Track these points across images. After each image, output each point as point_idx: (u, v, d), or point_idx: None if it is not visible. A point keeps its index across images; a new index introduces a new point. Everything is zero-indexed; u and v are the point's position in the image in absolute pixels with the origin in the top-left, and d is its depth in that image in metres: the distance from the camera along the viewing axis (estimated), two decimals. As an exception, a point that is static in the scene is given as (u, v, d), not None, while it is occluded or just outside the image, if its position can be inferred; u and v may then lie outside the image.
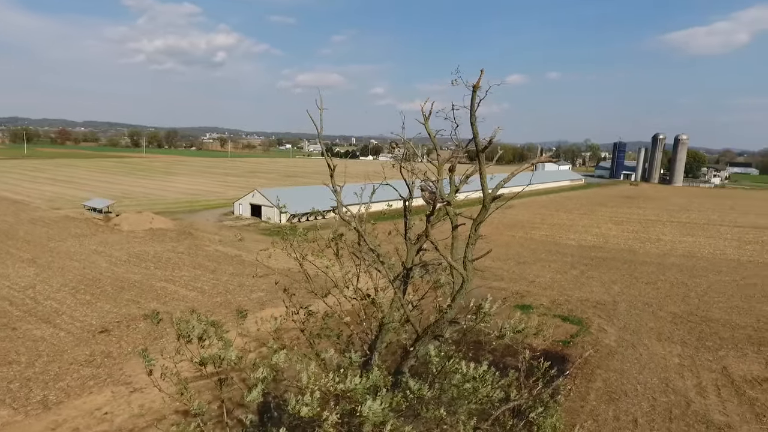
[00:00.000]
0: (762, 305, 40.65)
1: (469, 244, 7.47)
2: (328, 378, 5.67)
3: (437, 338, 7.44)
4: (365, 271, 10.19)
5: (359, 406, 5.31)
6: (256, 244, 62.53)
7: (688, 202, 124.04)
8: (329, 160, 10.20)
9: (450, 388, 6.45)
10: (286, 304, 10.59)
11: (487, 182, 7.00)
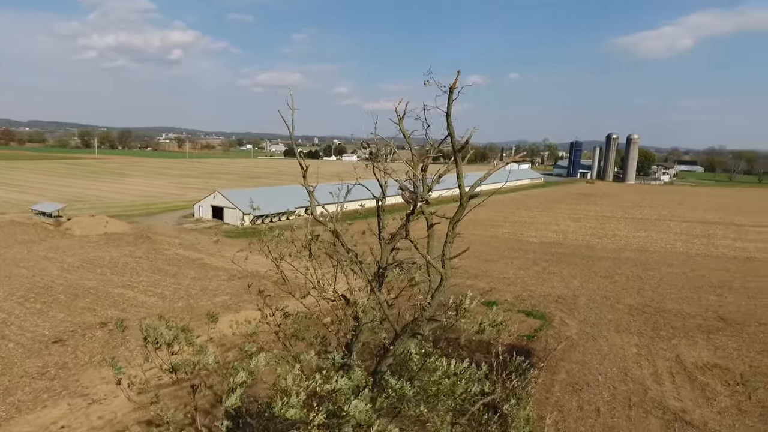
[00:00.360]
0: (709, 295, 42.99)
1: (447, 242, 7.53)
2: (312, 379, 5.57)
3: (415, 336, 7.46)
4: (341, 271, 10.08)
5: (345, 406, 5.25)
6: (218, 247, 61.03)
7: (641, 199, 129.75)
8: (302, 160, 10.02)
9: (431, 385, 6.47)
10: (260, 306, 10.33)
11: (463, 181, 7.09)
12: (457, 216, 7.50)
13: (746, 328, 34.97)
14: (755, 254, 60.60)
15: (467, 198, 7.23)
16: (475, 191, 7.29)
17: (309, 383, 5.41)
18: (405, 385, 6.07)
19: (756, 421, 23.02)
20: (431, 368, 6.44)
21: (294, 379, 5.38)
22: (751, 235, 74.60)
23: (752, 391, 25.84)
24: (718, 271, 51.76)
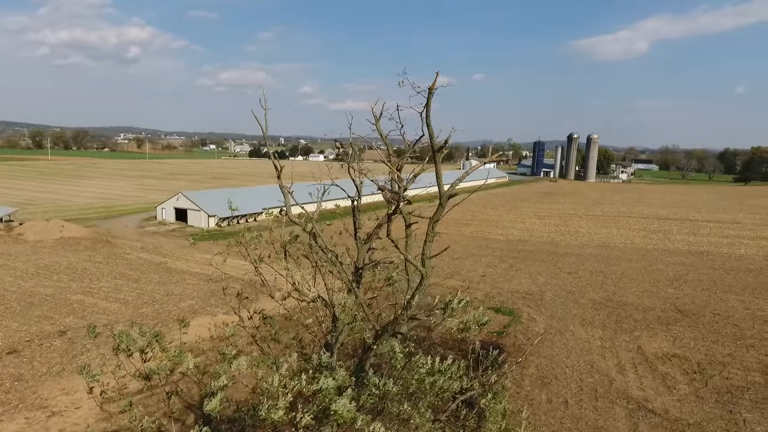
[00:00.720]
0: (667, 288, 44.89)
1: (427, 241, 7.56)
2: (298, 380, 5.48)
3: (395, 335, 7.46)
4: (320, 272, 9.97)
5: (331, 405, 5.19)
6: (183, 250, 59.41)
7: (601, 197, 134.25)
8: (276, 161, 9.84)
9: (413, 382, 6.49)
10: (236, 309, 10.09)
11: (443, 181, 7.13)
12: (436, 215, 7.55)
13: (701, 319, 36.70)
14: (708, 248, 63.68)
15: (446, 197, 7.29)
16: (454, 191, 7.34)
17: (294, 384, 5.32)
18: (388, 383, 6.07)
19: (712, 407, 24.18)
20: (415, 366, 6.46)
21: (280, 380, 5.27)
22: (704, 230, 78.35)
23: (708, 378, 27.13)
24: (675, 265, 54.12)
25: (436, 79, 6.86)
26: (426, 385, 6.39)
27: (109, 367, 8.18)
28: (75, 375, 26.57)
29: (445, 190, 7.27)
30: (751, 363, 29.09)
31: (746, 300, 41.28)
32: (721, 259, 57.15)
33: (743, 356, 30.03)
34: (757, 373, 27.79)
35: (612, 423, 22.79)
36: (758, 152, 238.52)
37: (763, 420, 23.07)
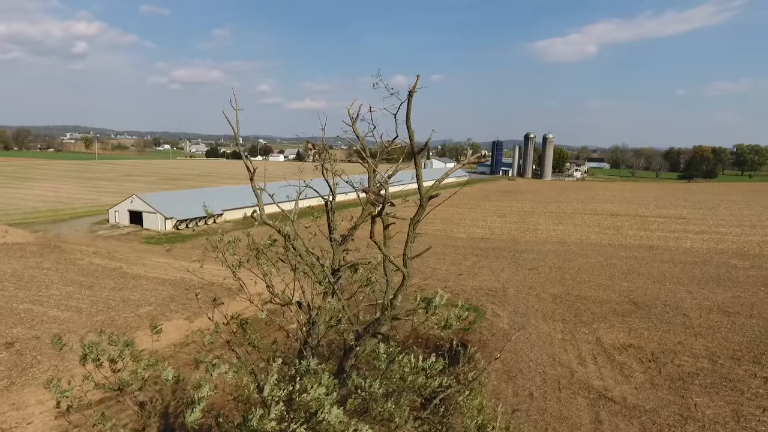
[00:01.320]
0: (621, 282, 46.92)
1: (408, 242, 7.59)
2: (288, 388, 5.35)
3: (375, 335, 7.44)
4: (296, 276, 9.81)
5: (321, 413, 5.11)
6: (138, 254, 57.21)
7: (557, 195, 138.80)
8: (248, 162, 9.60)
9: (397, 382, 6.50)
10: (209, 315, 9.80)
11: (423, 182, 7.17)
12: (417, 216, 7.59)
13: (653, 310, 38.56)
14: (657, 242, 66.99)
15: (427, 198, 7.34)
16: (435, 191, 7.40)
17: (284, 392, 5.19)
18: (374, 384, 6.05)
19: (666, 393, 25.46)
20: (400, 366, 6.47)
21: (272, 388, 5.13)
22: (653, 225, 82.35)
23: (662, 366, 28.55)
24: (627, 259, 56.64)
25: (416, 83, 6.91)
26: (409, 383, 6.41)
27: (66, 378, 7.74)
28: (25, 388, 25.11)
29: (425, 191, 7.31)
30: (699, 350, 30.81)
31: (693, 291, 43.70)
32: (669, 253, 60.25)
33: (692, 344, 31.77)
34: (705, 360, 29.46)
35: (575, 413, 23.61)
36: (699, 151, 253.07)
37: (711, 403, 24.49)
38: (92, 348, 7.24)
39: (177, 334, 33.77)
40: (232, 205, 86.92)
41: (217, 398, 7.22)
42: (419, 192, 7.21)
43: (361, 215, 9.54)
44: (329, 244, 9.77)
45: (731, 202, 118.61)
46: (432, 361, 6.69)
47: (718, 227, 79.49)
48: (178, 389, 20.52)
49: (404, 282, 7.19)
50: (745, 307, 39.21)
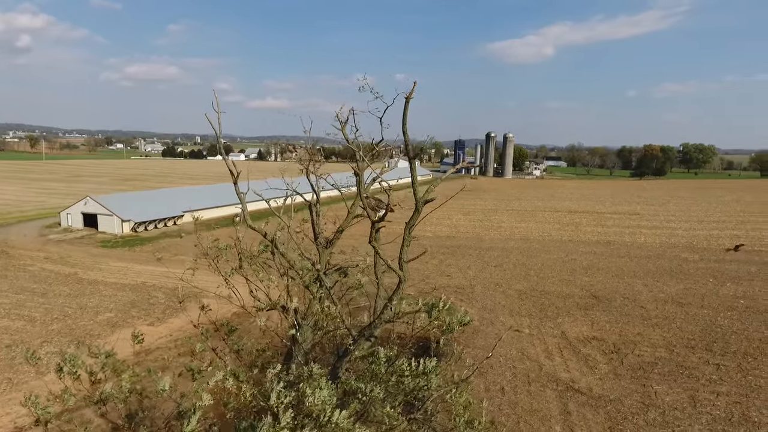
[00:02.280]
0: (582, 276, 48.62)
1: (404, 245, 7.61)
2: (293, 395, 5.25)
3: (369, 338, 7.41)
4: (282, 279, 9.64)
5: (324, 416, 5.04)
6: (95, 259, 54.77)
7: (519, 192, 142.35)
8: (232, 166, 9.32)
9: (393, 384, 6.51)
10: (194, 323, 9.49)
11: (418, 186, 7.20)
12: (412, 220, 7.63)
13: (613, 303, 40.17)
14: (614, 238, 69.77)
15: (422, 203, 7.38)
16: (430, 196, 7.46)
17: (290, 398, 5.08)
18: (375, 388, 6.03)
19: (629, 382, 26.59)
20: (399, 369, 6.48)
21: (278, 396, 5.01)
22: (609, 221, 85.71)
23: (623, 357, 29.78)
24: (587, 255, 58.73)
25: (413, 89, 6.95)
26: (406, 386, 6.43)
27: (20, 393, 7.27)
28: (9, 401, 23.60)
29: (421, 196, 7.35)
30: (657, 340, 32.33)
31: (649, 284, 45.80)
32: (625, 248, 62.89)
33: (650, 335, 33.31)
34: (662, 349, 30.94)
35: (545, 405, 24.31)
36: (649, 150, 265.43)
37: (670, 391, 25.75)
38: (71, 360, 6.86)
39: (140, 341, 32.51)
40: (193, 206, 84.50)
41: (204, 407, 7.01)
42: (414, 196, 7.23)
43: (347, 218, 9.48)
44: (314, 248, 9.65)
45: (680, 198, 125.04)
46: (432, 365, 6.74)
47: (668, 222, 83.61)
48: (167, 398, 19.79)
49: (400, 285, 7.20)
50: (696, 298, 41.42)
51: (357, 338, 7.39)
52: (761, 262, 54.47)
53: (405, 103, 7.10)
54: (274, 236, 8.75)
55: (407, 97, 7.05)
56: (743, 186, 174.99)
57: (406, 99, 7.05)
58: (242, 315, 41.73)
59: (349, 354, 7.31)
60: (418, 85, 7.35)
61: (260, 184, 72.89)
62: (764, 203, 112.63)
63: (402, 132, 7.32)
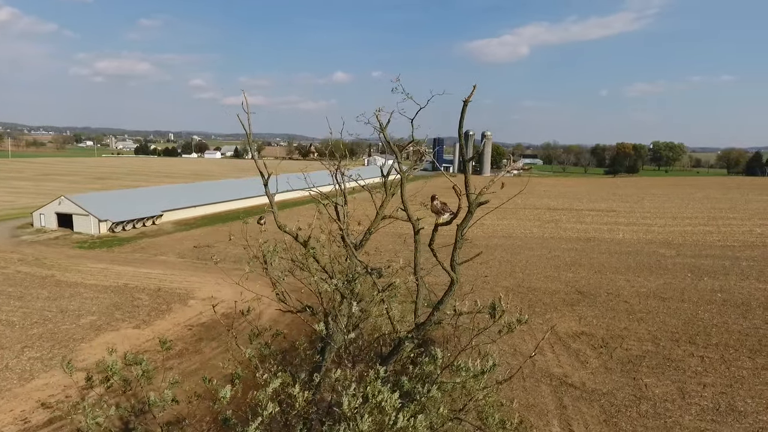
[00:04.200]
0: (567, 273, 49.55)
1: (456, 248, 7.62)
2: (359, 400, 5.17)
3: (413, 340, 7.39)
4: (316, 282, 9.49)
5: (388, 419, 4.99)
6: (72, 260, 53.14)
7: (498, 190, 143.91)
8: (263, 167, 9.11)
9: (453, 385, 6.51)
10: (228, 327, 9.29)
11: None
12: (464, 223, 7.67)
13: (598, 298, 41.08)
14: (593, 234, 71.32)
15: (476, 205, 7.41)
16: (482, 199, 7.48)
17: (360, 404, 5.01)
18: (432, 389, 6.01)
19: (619, 376, 27.25)
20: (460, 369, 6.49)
21: (349, 401, 4.92)
22: (588, 218, 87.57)
23: (612, 351, 30.50)
24: (569, 251, 59.87)
25: (472, 92, 6.94)
26: (466, 389, 6.45)
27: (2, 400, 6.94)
28: None
29: (474, 198, 7.37)
30: (643, 334, 33.20)
31: (631, 279, 47.00)
32: (605, 244, 64.36)
33: (636, 329, 34.19)
34: (649, 343, 31.80)
35: (540, 399, 24.71)
36: (622, 148, 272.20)
37: (659, 383, 26.49)
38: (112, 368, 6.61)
39: (127, 345, 31.77)
40: (172, 206, 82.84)
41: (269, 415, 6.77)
42: (467, 199, 7.25)
43: (375, 220, 9.42)
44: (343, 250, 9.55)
45: (653, 195, 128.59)
46: (491, 364, 6.77)
47: (644, 219, 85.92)
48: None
49: (452, 286, 7.22)
50: (676, 292, 42.70)
51: (402, 339, 7.37)
52: (734, 257, 56.49)
53: (463, 107, 7.10)
54: (308, 239, 8.59)
55: (465, 101, 7.05)
56: (711, 183, 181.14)
57: (464, 102, 7.05)
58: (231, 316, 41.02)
59: (396, 355, 7.28)
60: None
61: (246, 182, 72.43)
62: (732, 199, 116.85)
63: (458, 135, 7.32)
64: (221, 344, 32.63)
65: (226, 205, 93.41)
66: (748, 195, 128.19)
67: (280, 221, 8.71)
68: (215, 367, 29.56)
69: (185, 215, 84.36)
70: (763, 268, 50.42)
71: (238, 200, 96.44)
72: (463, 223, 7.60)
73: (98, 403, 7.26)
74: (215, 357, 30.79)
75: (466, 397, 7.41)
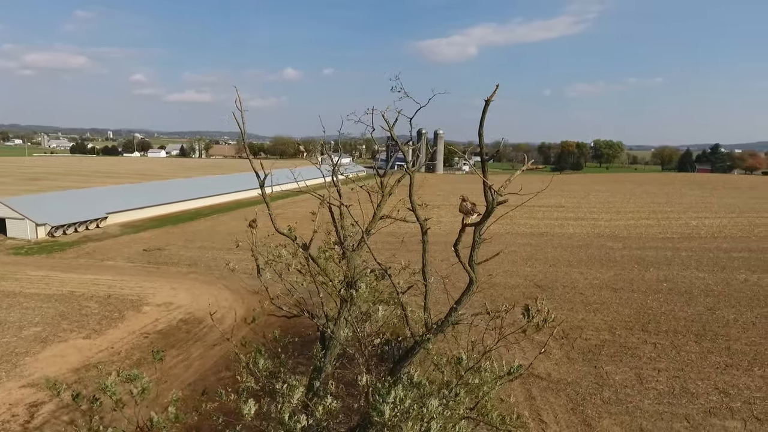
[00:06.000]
0: (524, 267, 51.10)
1: (475, 247, 7.56)
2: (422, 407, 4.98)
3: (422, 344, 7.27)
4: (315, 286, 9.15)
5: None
6: (7, 267, 49.36)
7: (452, 188, 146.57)
8: (259, 167, 8.64)
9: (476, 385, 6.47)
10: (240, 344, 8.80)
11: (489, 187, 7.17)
12: (482, 223, 7.63)
13: (555, 291, 42.63)
14: (545, 230, 74.01)
15: (495, 204, 7.39)
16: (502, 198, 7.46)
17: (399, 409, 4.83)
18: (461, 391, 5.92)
19: (582, 365, 28.38)
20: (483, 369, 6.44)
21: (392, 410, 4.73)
22: (539, 214, 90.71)
23: (573, 341, 31.71)
24: (525, 246, 61.77)
25: (495, 92, 6.88)
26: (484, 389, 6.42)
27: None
28: None
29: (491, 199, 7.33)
30: (599, 324, 34.74)
31: (584, 271, 49.10)
32: (557, 239, 66.94)
33: (593, 319, 35.73)
34: (605, 332, 33.30)
35: (510, 392, 25.27)
36: (566, 146, 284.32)
37: (618, 370, 27.80)
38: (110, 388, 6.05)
39: (78, 357, 29.93)
40: (117, 207, 78.70)
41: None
42: (485, 198, 7.20)
43: (373, 219, 9.22)
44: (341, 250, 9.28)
45: (598, 191, 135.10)
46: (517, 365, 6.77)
47: (591, 214, 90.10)
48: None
49: (470, 286, 7.17)
50: (626, 283, 45.01)
51: (418, 341, 7.22)
52: (674, 248, 60.28)
53: (485, 105, 7.05)
54: (309, 242, 8.27)
55: (487, 100, 7.00)
56: (648, 179, 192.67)
57: (486, 101, 7.00)
58: (189, 322, 39.36)
59: (412, 356, 7.14)
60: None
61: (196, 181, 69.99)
62: (668, 194, 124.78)
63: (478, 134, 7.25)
64: (182, 352, 31.31)
65: (176, 206, 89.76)
66: (681, 190, 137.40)
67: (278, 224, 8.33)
68: (176, 377, 28.32)
69: (133, 217, 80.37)
70: (701, 258, 54.11)
71: (190, 201, 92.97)
72: (481, 223, 7.57)
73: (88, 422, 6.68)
74: (176, 366, 29.48)
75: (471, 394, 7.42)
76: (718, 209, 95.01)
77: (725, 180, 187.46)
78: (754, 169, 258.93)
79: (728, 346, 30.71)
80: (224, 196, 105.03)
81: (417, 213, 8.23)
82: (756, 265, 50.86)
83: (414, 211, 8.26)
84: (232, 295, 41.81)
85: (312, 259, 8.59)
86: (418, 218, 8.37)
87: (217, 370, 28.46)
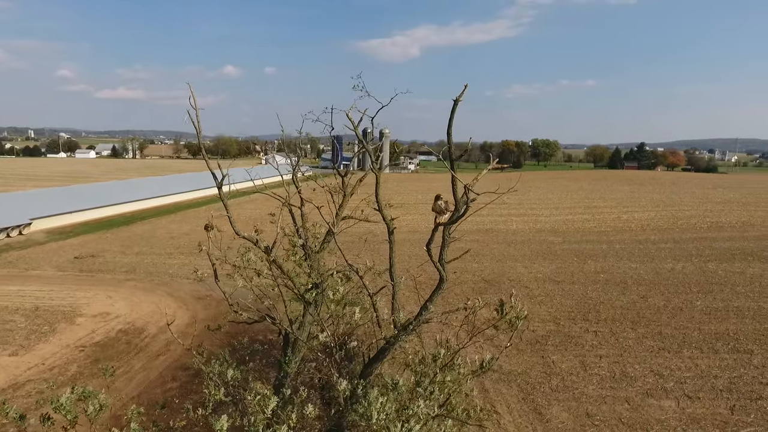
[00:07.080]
0: (472, 263, 52.33)
1: (445, 246, 7.55)
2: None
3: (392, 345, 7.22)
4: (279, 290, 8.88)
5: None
6: None
7: (399, 186, 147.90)
8: (217, 169, 8.24)
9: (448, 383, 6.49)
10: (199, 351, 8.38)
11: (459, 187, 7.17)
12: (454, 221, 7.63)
13: (502, 285, 44.05)
14: (490, 226, 76.29)
15: (468, 203, 7.44)
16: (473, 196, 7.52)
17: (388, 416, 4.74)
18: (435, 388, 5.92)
19: (530, 356, 29.51)
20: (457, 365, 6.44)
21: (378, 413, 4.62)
22: (483, 211, 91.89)
23: (521, 333, 32.87)
24: (472, 242, 63.20)
25: (463, 92, 6.91)
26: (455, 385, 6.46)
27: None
28: None
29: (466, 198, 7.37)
30: (544, 316, 36.27)
31: (528, 266, 51.09)
32: (502, 235, 69.22)
33: (538, 311, 37.24)
34: (550, 323, 34.81)
35: (464, 386, 25.84)
36: (506, 144, 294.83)
37: (564, 359, 29.15)
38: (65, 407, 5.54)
39: (3, 376, 27.58)
40: (43, 212, 73.21)
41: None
42: (454, 197, 7.24)
43: (336, 221, 9.08)
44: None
45: (537, 188, 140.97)
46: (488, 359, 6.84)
47: (532, 210, 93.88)
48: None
49: (441, 284, 7.15)
50: (567, 275, 47.27)
51: (391, 342, 7.16)
52: (608, 241, 64.02)
53: (453, 106, 7.06)
54: (272, 245, 8.02)
55: (456, 100, 7.01)
56: (583, 176, 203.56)
57: (454, 101, 7.01)
58: (129, 332, 37.25)
59: (384, 357, 7.07)
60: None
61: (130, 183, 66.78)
62: (601, 190, 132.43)
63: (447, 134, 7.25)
64: (122, 364, 29.60)
65: (110, 210, 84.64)
66: (612, 186, 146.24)
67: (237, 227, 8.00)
68: (118, 390, 26.75)
69: (61, 222, 74.97)
70: (632, 250, 57.82)
71: (125, 204, 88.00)
72: (451, 220, 7.62)
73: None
74: (117, 378, 27.79)
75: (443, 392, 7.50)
76: (645, 203, 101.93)
77: (651, 176, 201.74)
78: (675, 165, 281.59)
79: (660, 330, 32.99)
80: (162, 199, 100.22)
81: (383, 213, 8.16)
82: (680, 254, 55.02)
83: (380, 211, 8.18)
84: (175, 302, 39.98)
85: (276, 264, 8.32)
86: (385, 218, 8.32)
87: (162, 382, 27.14)
